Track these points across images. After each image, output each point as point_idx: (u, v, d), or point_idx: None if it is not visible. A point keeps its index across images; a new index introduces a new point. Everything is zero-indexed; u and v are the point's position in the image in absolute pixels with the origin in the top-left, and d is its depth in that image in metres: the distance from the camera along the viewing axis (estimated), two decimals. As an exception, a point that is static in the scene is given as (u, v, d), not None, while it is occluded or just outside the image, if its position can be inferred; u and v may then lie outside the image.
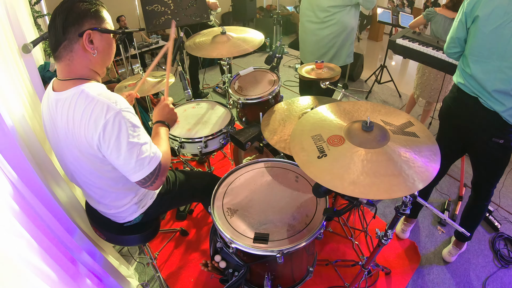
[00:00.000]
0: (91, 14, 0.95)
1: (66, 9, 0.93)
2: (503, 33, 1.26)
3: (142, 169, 0.98)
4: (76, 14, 0.93)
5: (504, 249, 1.96)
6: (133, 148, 0.95)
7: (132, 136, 0.95)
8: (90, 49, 0.97)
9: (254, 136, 1.62)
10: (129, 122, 0.94)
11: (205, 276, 1.80)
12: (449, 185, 2.44)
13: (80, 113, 0.93)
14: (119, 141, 0.93)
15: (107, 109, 0.91)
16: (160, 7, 2.40)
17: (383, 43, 5.70)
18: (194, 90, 3.52)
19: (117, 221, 1.27)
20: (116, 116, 0.92)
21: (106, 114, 0.91)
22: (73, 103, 0.95)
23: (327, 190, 1.01)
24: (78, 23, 0.94)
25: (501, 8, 1.25)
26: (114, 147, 0.94)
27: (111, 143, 0.93)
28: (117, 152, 0.94)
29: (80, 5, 0.94)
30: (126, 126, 0.93)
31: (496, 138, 1.41)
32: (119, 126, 0.92)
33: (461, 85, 1.47)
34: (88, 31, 0.95)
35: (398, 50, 2.45)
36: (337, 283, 1.75)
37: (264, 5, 6.36)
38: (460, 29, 1.42)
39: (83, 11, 0.94)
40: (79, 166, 1.06)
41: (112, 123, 0.91)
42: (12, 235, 0.79)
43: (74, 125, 0.95)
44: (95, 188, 1.13)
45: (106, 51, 1.02)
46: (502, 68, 1.30)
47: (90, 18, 0.95)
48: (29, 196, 0.97)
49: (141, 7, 2.44)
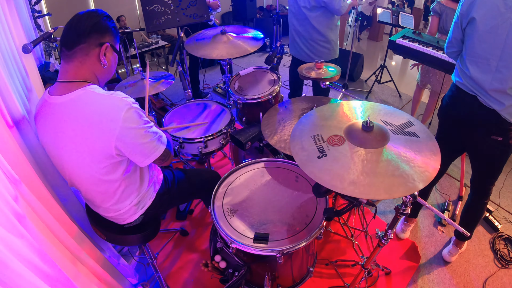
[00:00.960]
0: (113, 32, 1.07)
1: (96, 17, 1.02)
2: (498, 33, 1.27)
3: (160, 145, 1.10)
4: (104, 25, 1.03)
5: (504, 249, 1.96)
6: (148, 131, 1.06)
7: (145, 122, 1.06)
8: (103, 60, 1.05)
9: (254, 136, 1.63)
10: (139, 111, 1.04)
11: (205, 276, 1.80)
12: (449, 185, 2.44)
13: (93, 111, 0.98)
14: (138, 129, 1.02)
15: (122, 103, 0.98)
16: (160, 7, 2.40)
17: (383, 43, 5.70)
18: (194, 90, 3.52)
19: (117, 223, 1.27)
20: (129, 109, 0.99)
21: (122, 108, 0.98)
22: (81, 103, 0.98)
23: (327, 190, 1.01)
24: (102, 34, 1.03)
25: (496, 9, 1.26)
26: (134, 135, 1.01)
27: (131, 132, 1.00)
28: (137, 139, 1.02)
29: (107, 20, 1.05)
30: (139, 115, 1.03)
31: (495, 136, 1.42)
32: (134, 116, 1.01)
33: (459, 84, 1.47)
34: (107, 44, 1.04)
35: (398, 50, 2.45)
36: (337, 283, 1.75)
37: (264, 5, 6.36)
38: (456, 30, 1.44)
39: (109, 26, 1.05)
40: (83, 169, 1.06)
41: (130, 115, 0.99)
42: (12, 235, 0.79)
43: (86, 123, 0.98)
44: (96, 192, 1.14)
45: (112, 67, 1.13)
46: (499, 68, 1.31)
47: (111, 35, 1.06)
48: (29, 196, 0.97)
49: (141, 7, 2.44)
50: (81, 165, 1.05)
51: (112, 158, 1.04)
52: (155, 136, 1.09)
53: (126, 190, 1.17)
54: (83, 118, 0.98)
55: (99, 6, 3.23)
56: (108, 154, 1.01)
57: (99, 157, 1.02)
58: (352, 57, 3.61)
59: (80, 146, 1.01)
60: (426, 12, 6.56)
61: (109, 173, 1.08)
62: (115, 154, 1.02)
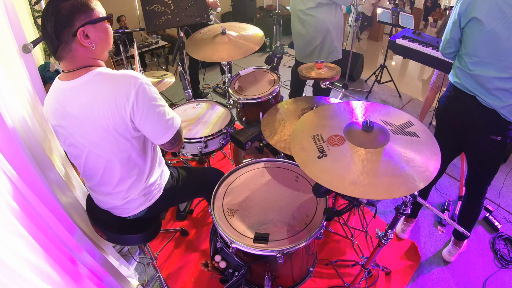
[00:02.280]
0: (78, 10, 0.93)
1: (53, 13, 0.91)
2: (500, 33, 1.26)
3: (172, 127, 1.08)
4: (63, 17, 0.91)
5: (504, 249, 1.96)
6: (163, 109, 1.04)
7: (158, 99, 1.04)
8: (88, 43, 0.97)
9: (254, 136, 1.62)
10: (152, 87, 1.02)
11: (205, 276, 1.80)
12: (449, 185, 2.44)
13: (105, 91, 0.97)
14: (151, 105, 1.01)
15: (135, 79, 0.97)
16: (160, 7, 2.40)
17: (383, 43, 5.71)
18: (194, 90, 3.52)
19: (120, 214, 1.27)
20: (142, 85, 0.98)
21: (135, 84, 0.97)
22: (94, 85, 0.98)
23: (327, 190, 1.01)
24: (69, 24, 0.93)
25: (497, 8, 1.25)
26: (148, 111, 1.00)
27: (145, 108, 0.99)
28: (151, 116, 1.01)
29: (63, 5, 0.92)
30: (151, 91, 1.01)
31: (494, 136, 1.42)
32: (149, 91, 1.00)
33: (458, 84, 1.47)
34: (80, 29, 0.94)
35: (398, 50, 2.46)
36: (337, 283, 1.75)
37: (264, 5, 6.36)
38: (454, 29, 1.43)
39: (70, 10, 0.92)
40: (102, 151, 1.06)
41: (143, 91, 0.98)
42: (12, 235, 0.79)
43: (101, 105, 0.97)
44: (112, 175, 1.13)
45: (104, 38, 1.03)
46: (502, 68, 1.30)
47: (78, 15, 0.93)
48: (30, 196, 0.97)
49: (141, 7, 2.44)
50: (101, 144, 1.05)
51: (129, 133, 1.04)
52: (169, 116, 1.08)
53: (139, 176, 1.18)
54: (94, 99, 0.97)
55: (99, 6, 3.24)
56: (125, 128, 1.02)
57: (117, 135, 1.02)
58: (352, 57, 3.61)
59: (96, 126, 1.00)
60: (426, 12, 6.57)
61: (128, 149, 1.09)
62: (131, 129, 1.03)
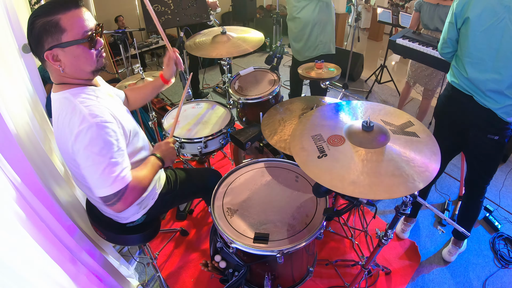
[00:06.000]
0: (47, 32, 0.88)
1: (28, 31, 0.89)
2: (494, 34, 1.26)
3: (104, 187, 0.93)
4: (34, 37, 0.89)
5: (504, 249, 1.96)
6: (100, 164, 0.91)
7: (102, 151, 0.91)
8: (57, 66, 0.93)
9: (254, 136, 1.62)
10: (103, 137, 0.91)
11: (205, 276, 1.80)
12: (449, 185, 2.44)
13: (63, 117, 0.95)
14: (87, 153, 0.91)
15: (82, 119, 0.90)
16: (160, 7, 2.40)
17: (383, 43, 5.70)
18: (194, 90, 3.52)
19: (119, 221, 1.27)
20: (90, 129, 0.90)
21: (80, 124, 0.90)
22: (60, 106, 0.97)
23: (327, 190, 1.01)
24: (38, 45, 0.90)
25: (491, 9, 1.25)
26: (82, 157, 0.92)
27: (80, 152, 0.91)
28: (84, 163, 0.92)
29: (36, 23, 0.87)
30: (98, 141, 0.91)
31: (491, 135, 1.42)
32: (90, 138, 0.90)
33: (455, 84, 1.48)
34: (47, 52, 0.90)
35: (398, 50, 2.45)
36: (337, 283, 1.75)
37: (264, 5, 6.37)
38: (451, 30, 1.44)
39: (40, 30, 0.87)
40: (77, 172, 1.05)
41: (84, 134, 0.90)
42: (12, 235, 0.79)
43: (60, 127, 0.97)
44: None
45: (76, 62, 0.95)
46: (496, 68, 1.31)
47: (46, 37, 0.88)
48: (30, 196, 0.97)
49: (141, 7, 2.44)
50: (71, 163, 1.04)
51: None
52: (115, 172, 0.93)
53: None
54: (59, 119, 0.97)
55: (99, 6, 3.24)
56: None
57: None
58: (352, 57, 3.62)
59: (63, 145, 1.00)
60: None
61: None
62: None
